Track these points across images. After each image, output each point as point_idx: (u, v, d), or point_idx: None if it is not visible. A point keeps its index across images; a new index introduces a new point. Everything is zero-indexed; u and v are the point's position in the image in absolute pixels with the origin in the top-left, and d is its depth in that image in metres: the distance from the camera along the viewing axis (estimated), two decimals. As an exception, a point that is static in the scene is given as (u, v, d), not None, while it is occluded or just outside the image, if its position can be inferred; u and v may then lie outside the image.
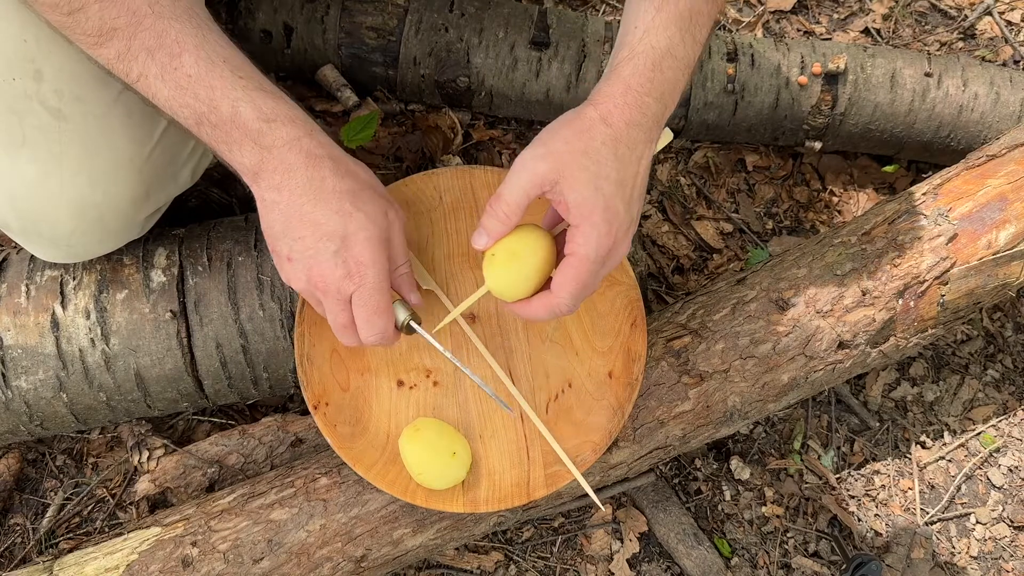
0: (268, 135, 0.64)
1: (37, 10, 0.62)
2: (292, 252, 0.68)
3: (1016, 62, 1.39)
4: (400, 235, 0.73)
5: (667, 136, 0.80)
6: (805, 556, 1.09)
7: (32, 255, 0.88)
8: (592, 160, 0.67)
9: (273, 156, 0.65)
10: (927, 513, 1.12)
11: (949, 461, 1.16)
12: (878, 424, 1.17)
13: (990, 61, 1.37)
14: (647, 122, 0.69)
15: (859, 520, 1.11)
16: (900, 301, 0.94)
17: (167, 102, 0.64)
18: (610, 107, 0.68)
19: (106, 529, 1.00)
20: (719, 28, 1.36)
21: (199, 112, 0.64)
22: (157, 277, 0.89)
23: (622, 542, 1.06)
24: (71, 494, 1.02)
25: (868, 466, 1.15)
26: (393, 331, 0.72)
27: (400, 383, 0.87)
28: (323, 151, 0.67)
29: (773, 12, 1.40)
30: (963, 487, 1.15)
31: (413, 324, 0.75)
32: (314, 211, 0.66)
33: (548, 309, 0.71)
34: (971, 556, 1.11)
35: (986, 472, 1.16)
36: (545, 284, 0.73)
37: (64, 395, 0.88)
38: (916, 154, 1.26)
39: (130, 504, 1.01)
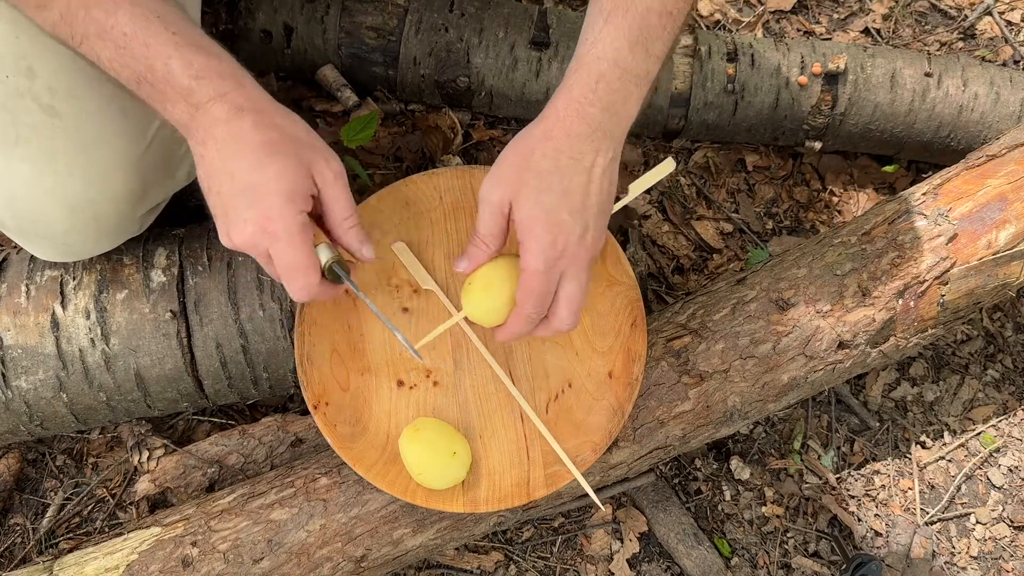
0: (197, 92, 0.64)
1: None
2: (215, 207, 0.68)
3: (1016, 62, 1.39)
4: (337, 187, 0.70)
5: (669, 165, 0.83)
6: (805, 556, 1.09)
7: (32, 255, 0.88)
8: (533, 175, 0.70)
9: (200, 112, 0.65)
10: (927, 513, 1.12)
11: (949, 461, 1.16)
12: (878, 424, 1.17)
13: (990, 61, 1.37)
14: (592, 131, 0.70)
15: (859, 520, 1.11)
16: (900, 301, 0.94)
17: (109, 63, 0.64)
18: (552, 121, 0.71)
19: (106, 529, 1.00)
20: (719, 28, 1.36)
21: (137, 72, 0.64)
22: (157, 277, 0.89)
23: (622, 542, 1.06)
24: (71, 494, 1.02)
25: (868, 466, 1.15)
26: (318, 285, 0.69)
27: (400, 383, 0.87)
28: (249, 104, 0.66)
29: (773, 12, 1.40)
30: (963, 487, 1.15)
31: (337, 268, 0.72)
32: (230, 164, 0.65)
33: (518, 324, 0.75)
34: (971, 556, 1.11)
35: (986, 472, 1.16)
36: None
37: (64, 395, 0.88)
38: (916, 154, 1.26)
39: (130, 504, 1.01)
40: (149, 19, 0.64)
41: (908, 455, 1.16)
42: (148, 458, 0.99)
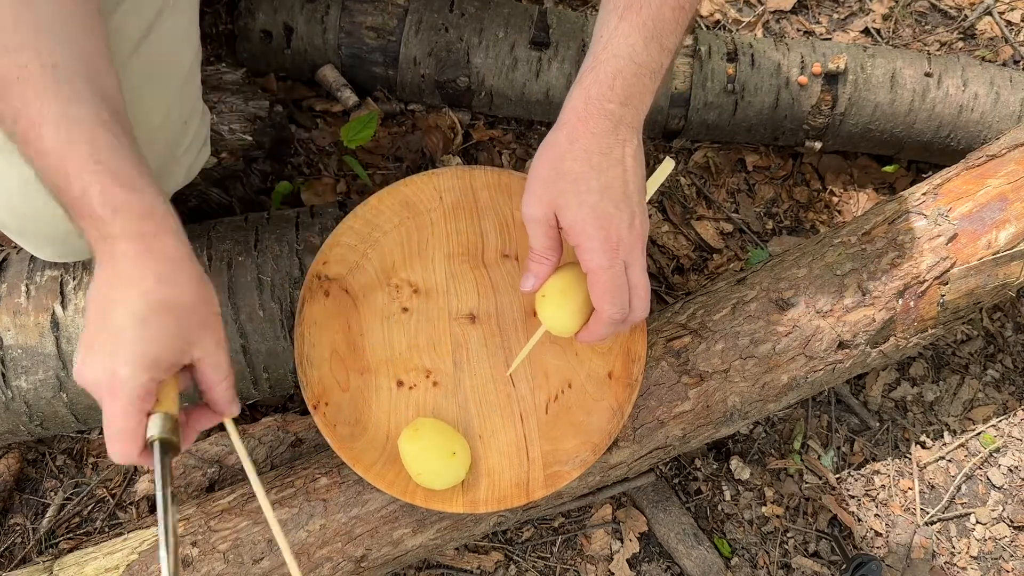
0: (109, 224, 0.60)
1: None
2: (81, 340, 0.63)
3: (1016, 62, 1.39)
4: (217, 355, 0.66)
5: (668, 166, 0.83)
6: (805, 556, 1.09)
7: (32, 255, 0.89)
8: (570, 182, 0.70)
9: (107, 244, 0.61)
10: (927, 513, 1.12)
11: (949, 461, 1.16)
12: (878, 424, 1.17)
13: (990, 61, 1.37)
14: (615, 126, 0.71)
15: (859, 520, 1.11)
16: (900, 301, 0.94)
17: (35, 166, 0.61)
18: (574, 123, 0.71)
19: (106, 529, 1.00)
20: (719, 28, 1.36)
21: (55, 186, 0.61)
22: (157, 277, 0.88)
23: (622, 542, 1.06)
24: (71, 494, 1.02)
25: (868, 466, 1.15)
26: (136, 455, 0.63)
27: (400, 383, 0.87)
28: (160, 254, 0.62)
29: (773, 12, 1.40)
30: (963, 487, 1.15)
31: (156, 448, 0.64)
32: (109, 306, 0.61)
33: (601, 325, 0.75)
34: (971, 556, 1.11)
35: (986, 472, 1.16)
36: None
37: (64, 395, 0.88)
38: (916, 154, 1.26)
39: (130, 504, 1.01)
40: (73, 140, 0.60)
41: (908, 455, 1.16)
42: (148, 458, 0.99)
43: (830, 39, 1.38)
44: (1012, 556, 1.11)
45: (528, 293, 0.80)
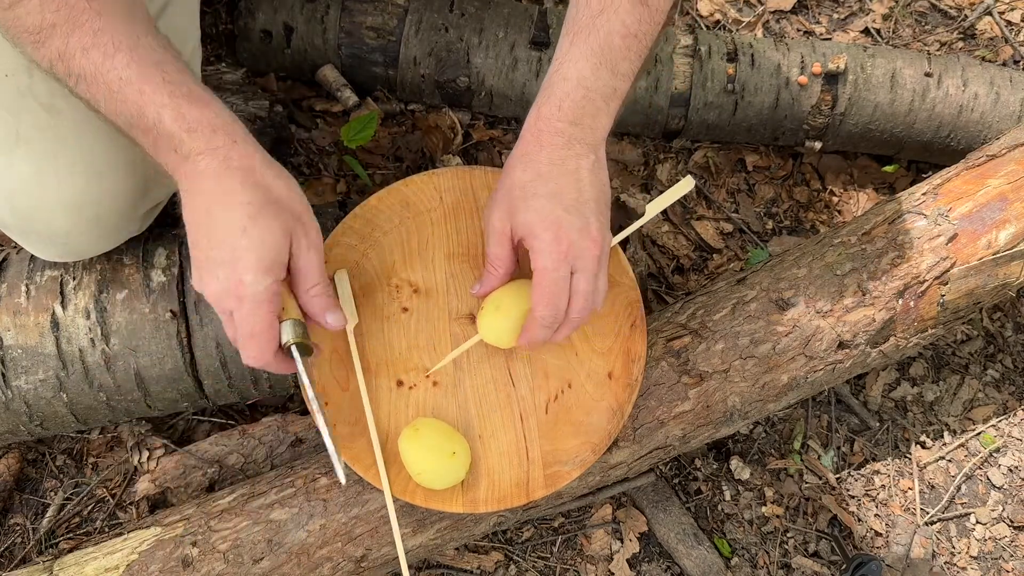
0: (187, 144, 0.64)
1: None
2: (192, 253, 0.68)
3: (1016, 62, 1.39)
4: (311, 255, 0.70)
5: (687, 184, 0.85)
6: (805, 556, 1.09)
7: (32, 255, 0.89)
8: (521, 192, 0.73)
9: (189, 164, 0.64)
10: (927, 513, 1.12)
11: (949, 461, 1.16)
12: (878, 424, 1.17)
13: (990, 61, 1.37)
14: (566, 142, 0.73)
15: (859, 520, 1.11)
16: (900, 301, 0.94)
17: (104, 105, 0.64)
18: (527, 139, 0.74)
19: (106, 529, 1.00)
20: (719, 28, 1.36)
21: (129, 117, 0.64)
22: (157, 277, 0.89)
23: (622, 542, 1.06)
24: (71, 494, 1.02)
25: (868, 466, 1.15)
26: (271, 357, 0.69)
27: (400, 383, 0.87)
28: (238, 161, 0.65)
29: (773, 12, 1.40)
30: (963, 487, 1.15)
31: (294, 351, 0.71)
32: (213, 221, 0.65)
33: (534, 325, 0.75)
34: (971, 556, 1.11)
35: (986, 472, 1.16)
36: None
37: (64, 395, 0.88)
38: (916, 154, 1.26)
39: (130, 504, 1.01)
40: (146, 65, 0.63)
41: (908, 455, 1.16)
42: (148, 458, 0.99)
43: (830, 39, 1.38)
44: (1012, 556, 1.11)
45: (477, 298, 0.84)
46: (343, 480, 0.75)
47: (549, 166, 0.72)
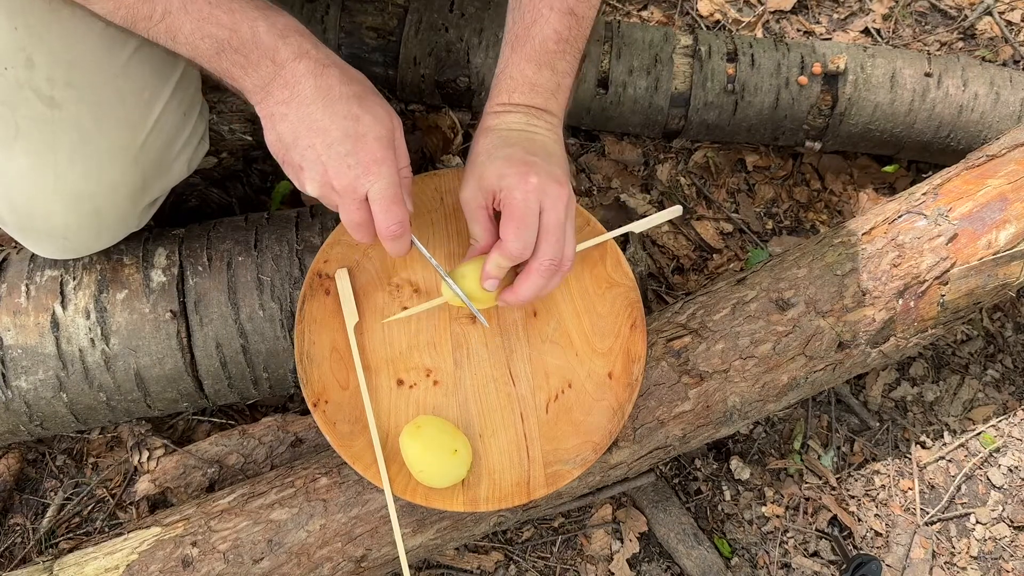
0: (283, 50, 0.68)
1: None
2: (304, 160, 0.71)
3: (1016, 62, 1.39)
4: (402, 137, 0.75)
5: (676, 210, 0.89)
6: (805, 556, 1.09)
7: (32, 255, 0.88)
8: (486, 155, 0.78)
9: (285, 70, 0.68)
10: (927, 513, 1.12)
11: (949, 461, 1.16)
12: (878, 424, 1.17)
13: (990, 61, 1.37)
14: (522, 114, 0.80)
15: (859, 520, 1.11)
16: (900, 301, 0.94)
17: (190, 36, 0.67)
18: (486, 119, 0.81)
19: (106, 529, 1.00)
20: (719, 28, 1.36)
21: (221, 39, 0.67)
22: (157, 277, 0.89)
23: (622, 542, 1.06)
24: (71, 494, 1.02)
25: (868, 466, 1.15)
26: (408, 221, 0.74)
27: (400, 382, 0.87)
28: (329, 60, 0.70)
29: (773, 12, 1.40)
30: (963, 487, 1.15)
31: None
32: (323, 118, 0.69)
33: (503, 256, 0.76)
34: (971, 556, 1.11)
35: (986, 472, 1.16)
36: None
37: (64, 395, 0.88)
38: (916, 154, 1.26)
39: (130, 504, 1.01)
40: None
41: (908, 455, 1.16)
42: (148, 458, 0.99)
43: (830, 39, 1.38)
44: (1012, 556, 1.11)
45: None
46: (486, 323, 0.83)
47: (508, 131, 0.79)
